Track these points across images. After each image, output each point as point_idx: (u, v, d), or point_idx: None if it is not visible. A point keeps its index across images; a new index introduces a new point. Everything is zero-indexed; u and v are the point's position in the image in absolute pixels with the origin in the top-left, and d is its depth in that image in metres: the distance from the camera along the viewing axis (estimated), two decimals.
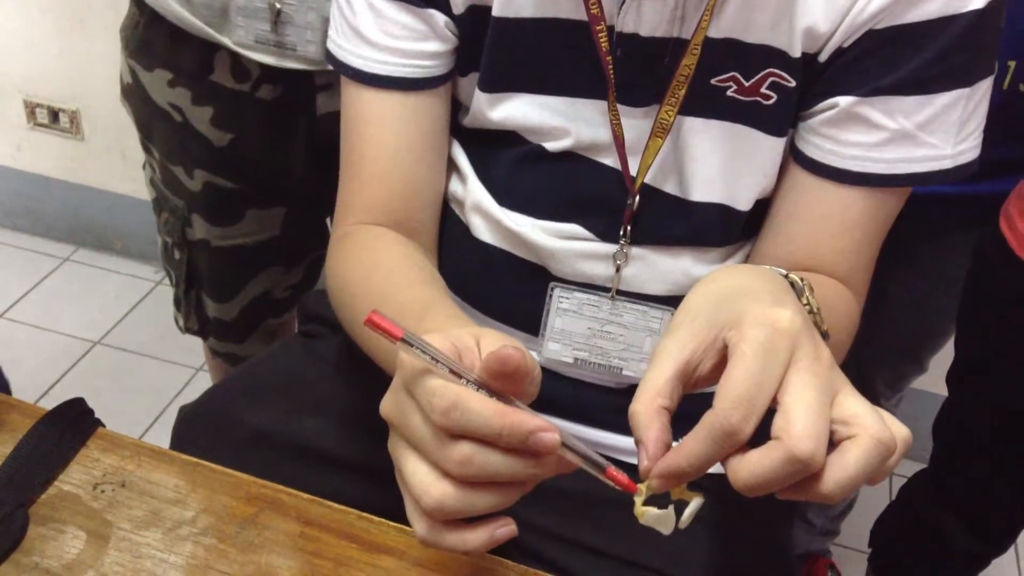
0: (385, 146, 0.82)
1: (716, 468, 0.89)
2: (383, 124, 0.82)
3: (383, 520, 0.73)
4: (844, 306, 0.78)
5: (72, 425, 0.76)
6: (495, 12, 0.76)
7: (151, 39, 1.18)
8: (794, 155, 0.79)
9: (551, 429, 0.49)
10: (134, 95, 1.24)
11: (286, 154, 1.21)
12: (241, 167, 1.23)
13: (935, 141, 0.74)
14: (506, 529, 0.53)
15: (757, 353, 0.49)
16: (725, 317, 0.52)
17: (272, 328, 1.44)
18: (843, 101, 0.74)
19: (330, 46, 0.83)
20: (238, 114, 1.19)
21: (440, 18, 0.78)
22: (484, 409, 0.49)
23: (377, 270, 0.79)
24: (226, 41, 1.11)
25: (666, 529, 0.54)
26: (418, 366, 0.51)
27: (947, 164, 0.75)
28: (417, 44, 0.79)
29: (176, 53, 1.16)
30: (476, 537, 0.53)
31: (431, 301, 0.70)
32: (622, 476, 0.53)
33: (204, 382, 2.08)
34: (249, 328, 1.42)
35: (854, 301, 0.79)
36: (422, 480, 0.52)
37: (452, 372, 0.51)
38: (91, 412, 0.78)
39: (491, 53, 0.78)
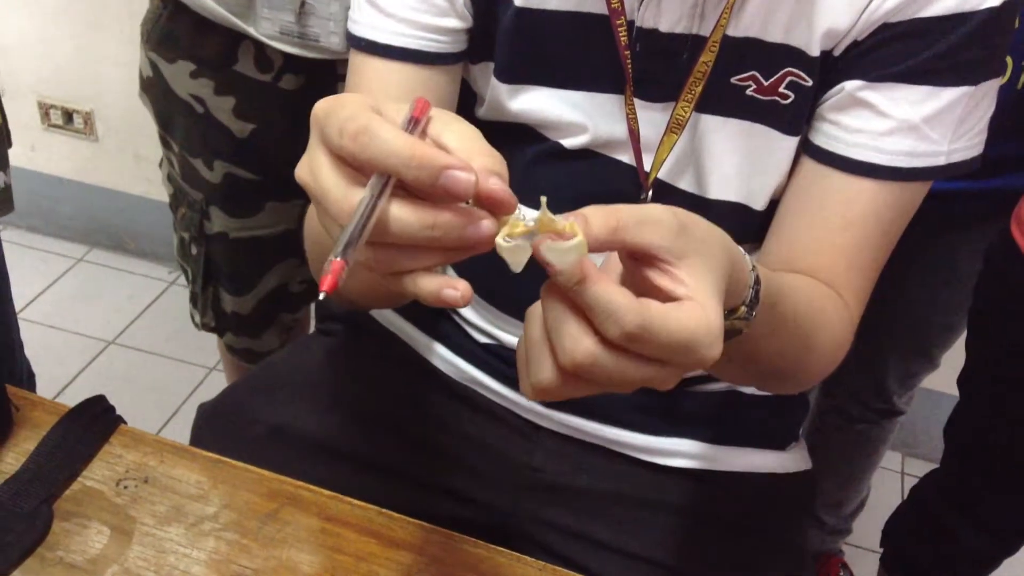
0: None
1: (731, 466, 0.91)
2: (386, 93, 0.80)
3: (403, 516, 0.73)
4: (833, 316, 0.77)
5: (94, 422, 0.77)
6: (519, 2, 0.77)
7: (174, 31, 1.19)
8: (802, 145, 0.79)
9: (467, 168, 0.44)
10: (155, 88, 1.25)
11: (307, 145, 1.22)
12: (262, 158, 1.25)
13: (936, 136, 0.74)
14: (454, 291, 0.46)
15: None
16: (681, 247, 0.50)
17: (288, 323, 1.45)
18: (849, 85, 0.74)
19: (349, 26, 0.83)
20: (260, 104, 1.20)
21: None
22: (394, 137, 0.44)
23: None
24: (251, 31, 1.12)
25: (517, 263, 0.47)
26: (340, 109, 0.46)
27: (941, 161, 0.75)
28: (435, 19, 0.79)
29: (199, 44, 1.18)
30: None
31: None
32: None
33: (217, 381, 2.09)
34: (265, 322, 1.43)
35: (845, 310, 0.78)
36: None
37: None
38: (112, 409, 0.79)
39: (512, 43, 0.79)
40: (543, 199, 0.46)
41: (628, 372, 0.47)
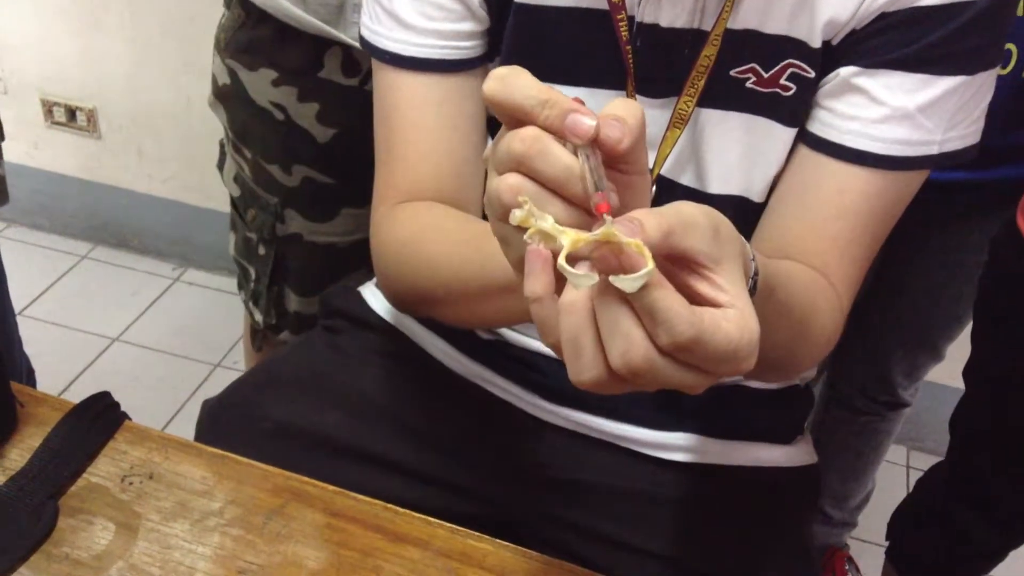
0: (430, 128, 0.82)
1: (736, 461, 0.91)
2: (425, 107, 0.82)
3: (408, 511, 0.73)
4: (825, 305, 0.76)
5: (99, 418, 0.77)
6: None
7: (256, 39, 1.19)
8: (797, 132, 0.79)
9: (590, 115, 0.48)
10: (232, 96, 1.25)
11: None
12: (341, 162, 1.25)
13: (930, 125, 0.74)
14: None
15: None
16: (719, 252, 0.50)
17: None
18: (844, 71, 0.74)
19: (363, 32, 0.83)
20: (344, 109, 1.21)
21: None
22: (533, 83, 0.50)
23: (448, 218, 0.79)
24: (342, 36, 1.12)
25: (581, 287, 0.47)
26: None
27: (934, 150, 0.75)
28: (454, 24, 0.79)
29: (282, 52, 1.18)
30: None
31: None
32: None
33: (222, 377, 2.09)
34: None
35: (836, 299, 0.77)
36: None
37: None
38: (117, 405, 0.79)
39: (512, 40, 0.79)
40: (608, 218, 0.46)
41: (671, 377, 0.47)
